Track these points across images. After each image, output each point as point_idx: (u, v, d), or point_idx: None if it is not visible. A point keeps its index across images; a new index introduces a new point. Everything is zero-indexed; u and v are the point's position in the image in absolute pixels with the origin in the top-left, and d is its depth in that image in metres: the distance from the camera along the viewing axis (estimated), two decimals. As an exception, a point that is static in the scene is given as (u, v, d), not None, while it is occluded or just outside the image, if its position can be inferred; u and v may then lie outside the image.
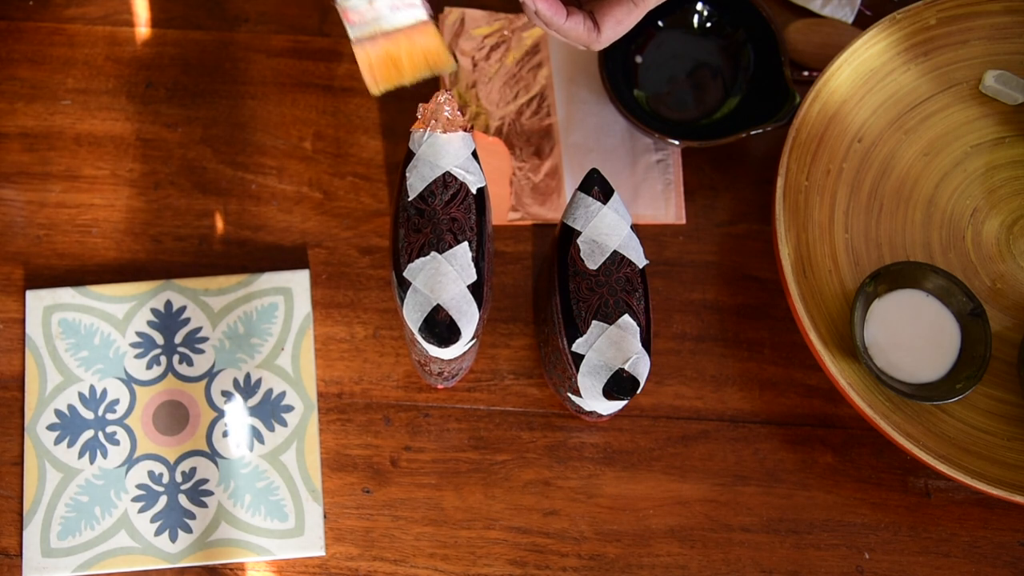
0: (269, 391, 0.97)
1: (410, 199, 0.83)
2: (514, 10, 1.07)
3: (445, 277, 0.81)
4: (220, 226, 1.02)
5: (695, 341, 1.01)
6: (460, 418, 0.98)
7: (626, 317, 0.84)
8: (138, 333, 0.98)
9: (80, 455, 0.95)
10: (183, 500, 0.95)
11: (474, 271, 0.82)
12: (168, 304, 0.99)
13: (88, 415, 0.96)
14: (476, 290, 0.82)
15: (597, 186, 0.87)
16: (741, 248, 1.03)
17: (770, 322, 1.01)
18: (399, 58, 0.83)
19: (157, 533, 0.94)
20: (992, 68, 1.02)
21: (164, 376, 0.97)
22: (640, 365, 0.83)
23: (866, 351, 0.94)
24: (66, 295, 0.98)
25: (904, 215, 1.00)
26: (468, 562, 0.95)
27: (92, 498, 0.95)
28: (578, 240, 0.86)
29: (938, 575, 0.96)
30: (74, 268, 1.01)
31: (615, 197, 0.87)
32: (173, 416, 0.97)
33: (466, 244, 0.82)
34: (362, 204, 1.03)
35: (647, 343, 0.84)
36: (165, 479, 0.95)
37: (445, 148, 0.83)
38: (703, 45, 1.06)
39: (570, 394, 0.91)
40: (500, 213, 1.03)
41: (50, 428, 0.96)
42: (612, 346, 0.84)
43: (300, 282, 1.00)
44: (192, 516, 0.95)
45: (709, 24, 1.06)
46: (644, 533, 0.96)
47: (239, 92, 1.05)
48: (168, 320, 0.98)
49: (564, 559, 0.95)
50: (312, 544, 0.95)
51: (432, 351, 0.84)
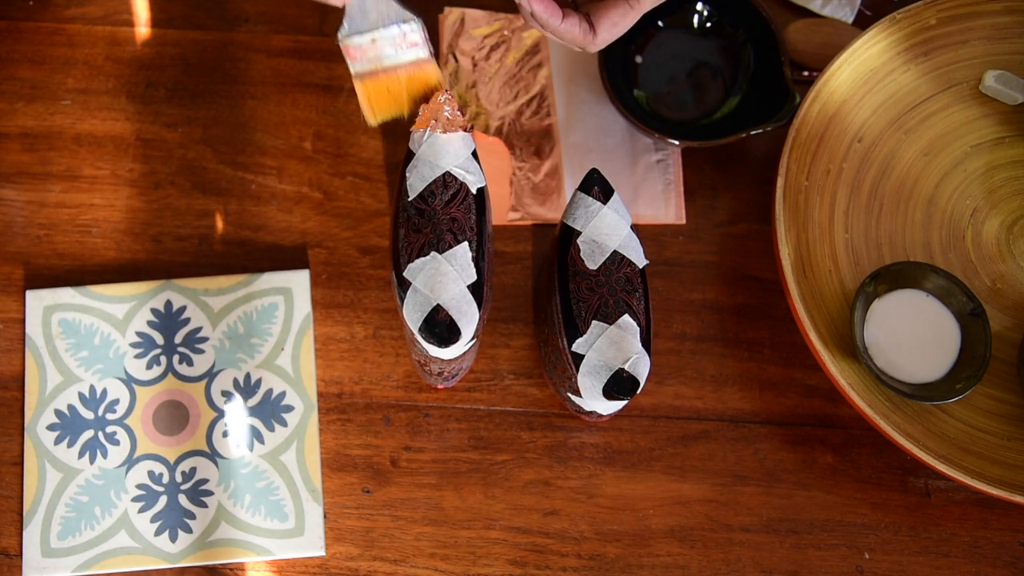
0: (269, 391, 0.97)
1: (410, 199, 0.83)
2: (514, 10, 1.06)
3: (445, 277, 0.81)
4: (220, 226, 1.02)
5: (695, 341, 1.01)
6: (460, 418, 0.98)
7: (626, 317, 0.84)
8: (138, 333, 0.98)
9: (80, 455, 0.95)
10: (183, 500, 0.95)
11: (474, 271, 0.82)
12: (168, 304, 0.99)
13: (88, 415, 0.96)
14: (476, 290, 0.82)
15: (597, 186, 0.87)
16: (741, 248, 1.03)
17: (770, 322, 1.01)
18: (399, 92, 0.86)
19: (157, 533, 0.94)
20: (992, 68, 1.02)
21: (164, 376, 0.97)
22: (640, 365, 0.83)
23: (866, 351, 0.94)
24: (66, 295, 0.98)
25: (904, 215, 1.00)
26: (468, 562, 0.95)
27: (92, 498, 0.95)
28: (578, 240, 0.86)
29: (938, 575, 0.96)
30: (74, 268, 1.01)
31: (615, 197, 0.87)
32: (173, 416, 0.97)
33: (466, 244, 0.82)
34: (362, 204, 1.03)
35: (647, 343, 0.84)
36: (165, 479, 0.95)
37: (445, 148, 0.83)
38: (703, 45, 1.06)
39: (570, 394, 0.91)
40: (500, 213, 1.02)
41: (50, 428, 0.96)
42: (612, 346, 0.84)
43: (300, 282, 1.00)
44: (192, 516, 0.95)
45: (709, 24, 1.06)
46: (644, 533, 0.96)
47: (239, 92, 1.05)
48: (168, 320, 0.98)
49: (564, 559, 0.95)
50: (312, 544, 0.95)
51: (432, 351, 0.84)
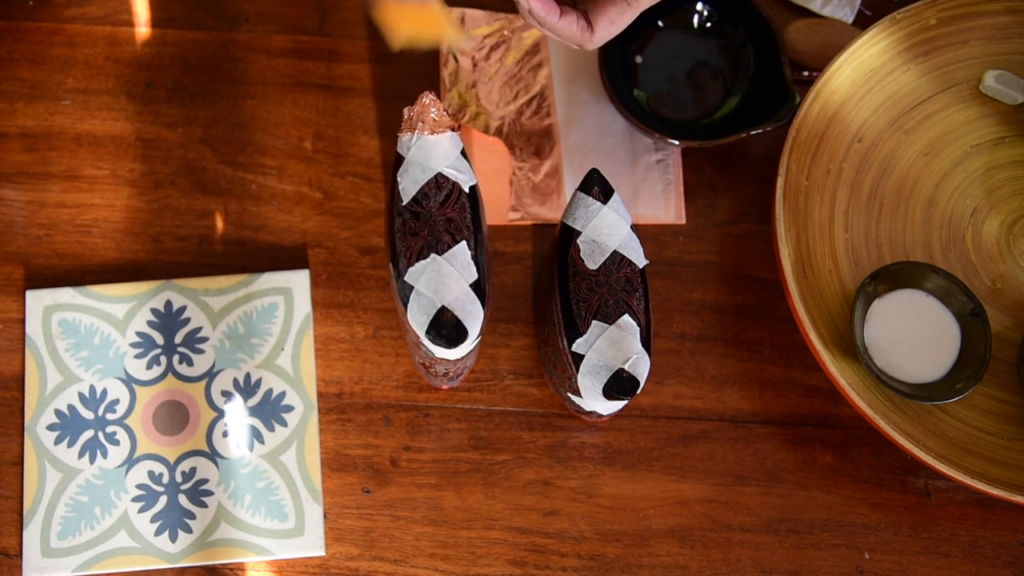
0: (269, 391, 0.97)
1: (404, 203, 0.83)
2: (514, 10, 1.06)
3: (447, 278, 0.81)
4: (220, 226, 1.02)
5: (695, 341, 1.01)
6: (460, 418, 0.98)
7: (626, 317, 0.84)
8: (138, 333, 0.98)
9: (80, 455, 0.95)
10: (183, 500, 0.95)
11: (474, 269, 0.82)
12: (168, 304, 0.98)
13: (88, 415, 0.96)
14: (478, 288, 0.82)
15: (597, 186, 0.87)
16: (741, 248, 1.03)
17: (770, 322, 1.01)
18: (424, 17, 0.82)
19: (157, 533, 0.94)
20: (992, 68, 1.02)
21: (164, 376, 0.97)
22: (640, 365, 0.83)
23: (866, 351, 0.94)
24: (66, 295, 0.98)
25: (904, 215, 1.00)
26: (468, 562, 0.95)
27: (92, 498, 0.95)
28: (578, 240, 0.86)
29: (938, 575, 0.96)
30: (74, 268, 1.00)
31: (615, 197, 0.87)
32: (173, 416, 0.97)
33: (464, 243, 0.82)
34: (362, 204, 1.02)
35: (647, 343, 0.84)
36: (165, 479, 0.95)
37: (435, 149, 0.83)
38: (703, 45, 1.06)
39: (570, 394, 0.91)
40: (500, 213, 1.02)
41: (50, 428, 0.96)
42: (612, 346, 0.84)
43: (300, 282, 1.00)
44: (192, 516, 0.95)
45: (709, 24, 1.06)
46: (644, 533, 0.96)
47: (239, 92, 1.05)
48: (168, 320, 0.98)
49: (564, 559, 0.95)
50: (312, 544, 0.94)
51: (439, 352, 0.84)
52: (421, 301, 0.81)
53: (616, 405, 0.90)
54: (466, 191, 0.83)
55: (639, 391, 0.84)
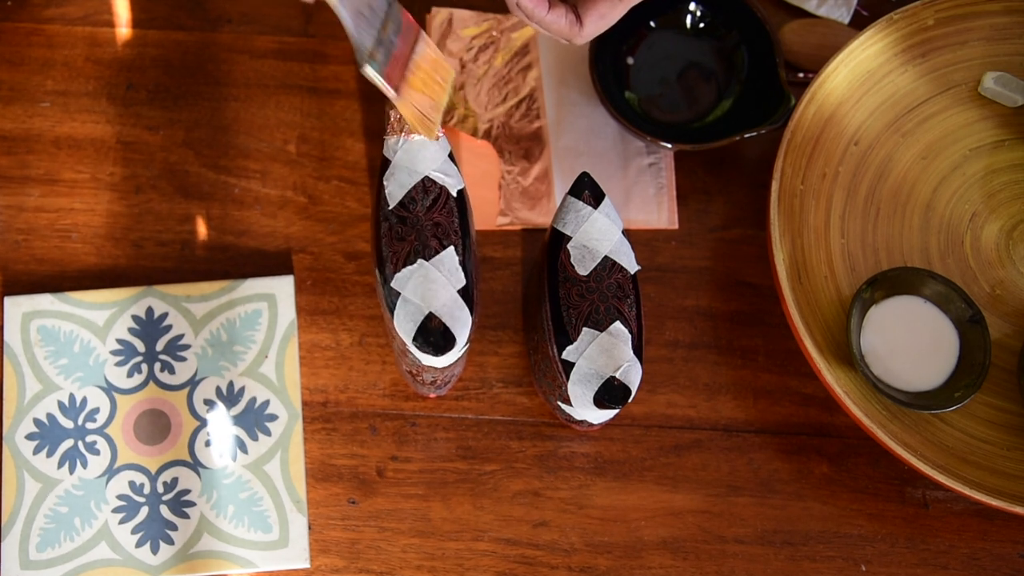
0: (253, 400, 0.96)
1: (391, 208, 0.82)
2: (503, 11, 1.06)
3: (435, 284, 0.81)
4: (202, 231, 1.01)
5: (688, 348, 1.00)
6: (448, 427, 0.97)
7: (617, 324, 0.83)
8: (119, 340, 0.97)
9: (59, 465, 0.94)
10: (165, 511, 0.94)
11: (462, 275, 0.81)
12: (149, 311, 0.97)
13: (67, 424, 0.95)
14: (466, 294, 0.81)
15: (588, 190, 0.87)
16: (735, 253, 1.02)
17: (764, 329, 1.00)
18: (431, 88, 0.82)
19: (138, 545, 0.93)
20: (991, 70, 1.01)
21: (145, 384, 0.96)
22: (632, 373, 0.83)
23: (863, 359, 0.94)
24: (45, 301, 0.97)
25: (901, 220, 1.00)
26: (456, 574, 0.94)
27: (72, 509, 0.94)
28: (568, 245, 0.86)
29: (936, 587, 0.95)
30: (53, 274, 0.99)
31: (606, 201, 0.86)
32: (155, 425, 0.96)
33: (452, 248, 0.81)
34: (347, 208, 1.01)
35: (639, 350, 0.84)
36: (146, 489, 0.94)
37: (421, 153, 0.83)
38: (696, 46, 1.05)
39: (560, 403, 0.91)
40: (489, 218, 1.01)
41: (28, 437, 0.95)
42: (603, 353, 0.83)
43: (284, 288, 0.99)
44: (174, 527, 0.94)
45: (702, 25, 1.05)
46: (636, 544, 0.95)
47: (222, 94, 1.04)
48: (149, 327, 0.97)
49: (554, 571, 0.94)
50: (296, 556, 0.93)
51: (426, 360, 0.83)
52: (408, 308, 0.80)
53: (607, 414, 0.89)
54: (454, 195, 0.83)
55: (631, 400, 0.83)
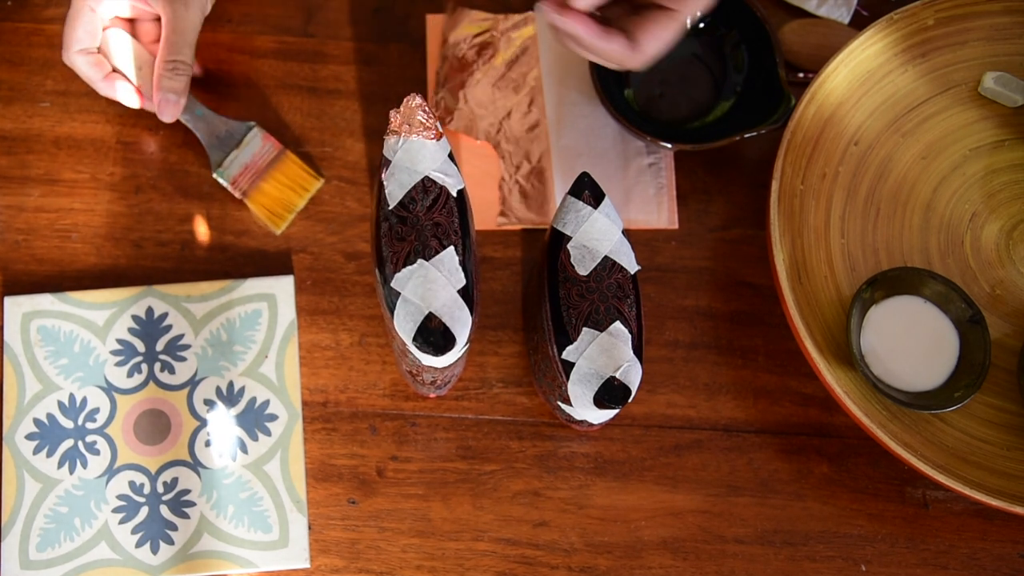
0: (253, 400, 0.96)
1: (391, 208, 0.82)
2: (503, 10, 1.05)
3: (435, 284, 0.80)
4: (202, 231, 1.00)
5: (688, 348, 1.00)
6: (448, 427, 0.97)
7: (617, 324, 0.83)
8: (119, 340, 0.96)
9: (59, 465, 0.94)
10: (165, 511, 0.94)
11: (462, 275, 0.81)
12: (149, 311, 0.97)
13: (68, 424, 0.95)
14: (466, 294, 0.81)
15: (588, 190, 0.86)
16: (735, 253, 1.02)
17: (764, 329, 1.00)
18: (285, 193, 1.00)
19: (138, 545, 0.93)
20: (991, 70, 1.01)
21: (145, 384, 0.96)
22: (631, 373, 0.82)
23: (863, 359, 0.93)
24: (45, 301, 0.97)
25: (901, 220, 0.99)
26: (456, 574, 0.94)
27: (72, 509, 0.93)
28: (568, 245, 0.85)
29: (936, 588, 0.95)
30: (53, 274, 0.99)
31: (606, 201, 0.86)
32: (155, 425, 0.95)
33: (452, 248, 0.81)
34: (347, 208, 1.01)
35: (639, 350, 0.83)
36: (146, 489, 0.94)
37: (421, 153, 0.82)
38: (696, 46, 1.05)
39: (560, 403, 0.90)
40: (489, 218, 1.01)
41: (29, 438, 0.94)
42: (603, 354, 0.83)
43: (284, 288, 0.98)
44: (174, 527, 0.93)
45: (702, 24, 1.05)
46: (636, 544, 0.95)
47: (222, 94, 1.04)
48: (149, 327, 0.97)
49: (554, 571, 0.94)
50: (296, 556, 0.93)
51: (426, 360, 0.83)
52: (408, 308, 0.80)
53: (607, 414, 0.89)
54: (454, 195, 0.82)
55: (631, 400, 0.83)
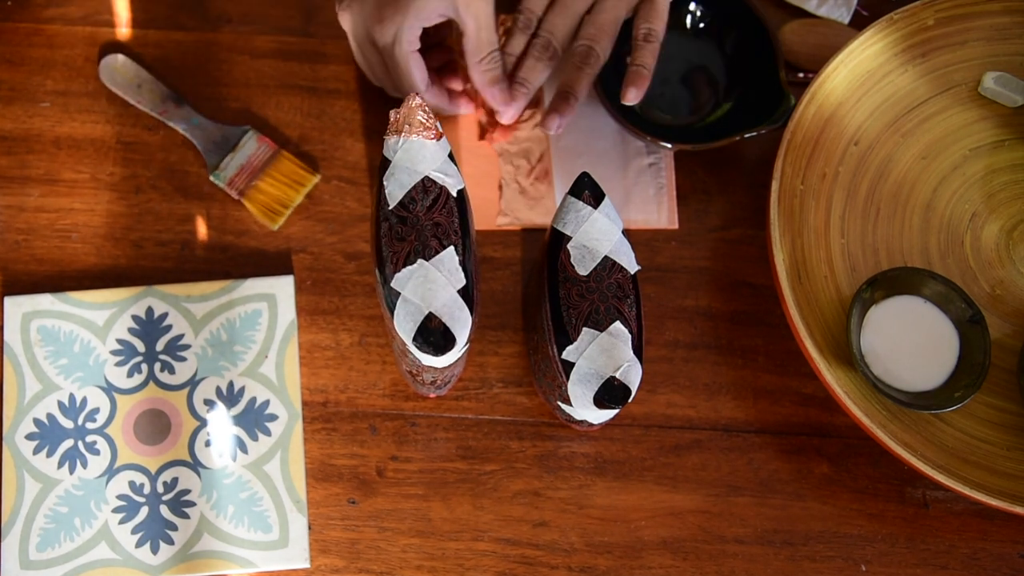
0: (253, 400, 0.96)
1: (391, 208, 0.81)
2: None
3: (435, 284, 0.80)
4: (202, 231, 1.00)
5: (688, 348, 0.99)
6: (448, 427, 0.97)
7: (617, 324, 0.83)
8: (119, 340, 0.96)
9: (59, 465, 0.94)
10: (165, 511, 0.94)
11: (462, 275, 0.81)
12: (149, 311, 0.97)
13: (67, 424, 0.95)
14: (466, 294, 0.81)
15: (588, 190, 0.86)
16: (735, 253, 1.02)
17: (765, 329, 1.00)
18: (281, 190, 1.00)
19: (138, 545, 0.93)
20: (991, 70, 1.01)
21: (145, 384, 0.96)
22: (632, 373, 0.82)
23: (863, 359, 0.93)
24: (45, 301, 0.97)
25: (901, 220, 0.99)
26: (456, 574, 0.94)
27: (72, 509, 0.93)
28: (568, 245, 0.85)
29: (936, 588, 0.95)
30: (53, 274, 0.99)
31: (606, 201, 0.86)
32: (155, 425, 0.95)
33: (452, 248, 0.81)
34: (347, 208, 1.01)
35: (639, 350, 0.83)
36: (146, 489, 0.94)
37: (421, 153, 0.82)
38: (696, 46, 1.05)
39: (560, 403, 0.90)
40: (489, 218, 1.01)
41: (28, 437, 0.94)
42: (603, 354, 0.82)
43: (284, 288, 0.98)
44: (174, 527, 0.93)
45: (702, 25, 1.05)
46: (636, 544, 0.95)
47: (222, 94, 1.04)
48: (149, 327, 0.97)
49: (554, 571, 0.94)
50: (296, 556, 0.93)
51: (426, 360, 0.83)
52: (408, 308, 0.80)
53: (607, 414, 0.88)
54: (454, 195, 0.82)
55: (631, 400, 0.83)
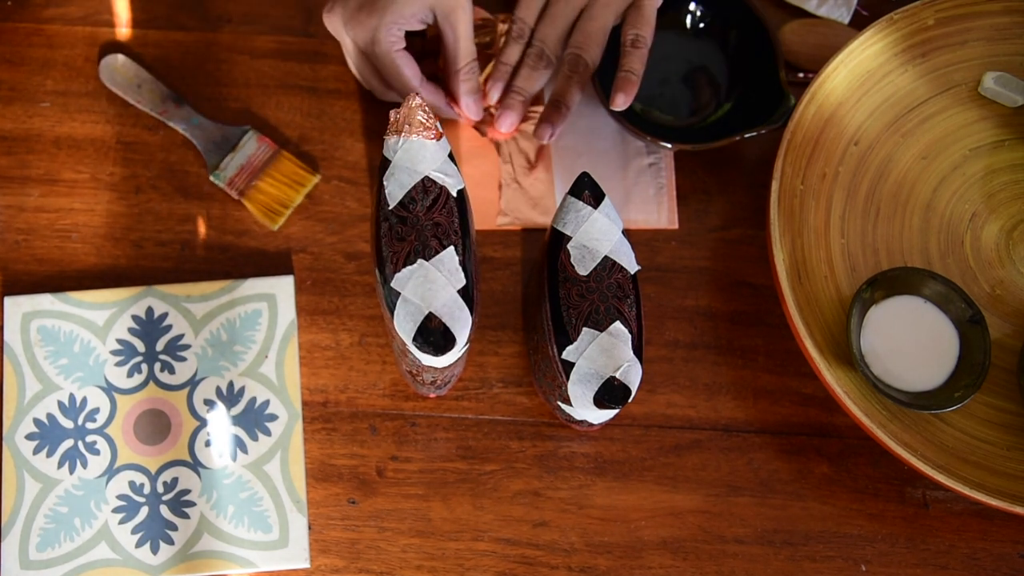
0: (253, 400, 0.96)
1: (391, 207, 0.81)
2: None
3: (435, 284, 0.80)
4: (202, 231, 1.00)
5: (688, 348, 0.99)
6: (448, 427, 0.97)
7: (617, 324, 0.83)
8: (119, 340, 0.96)
9: (59, 465, 0.94)
10: (165, 511, 0.94)
11: (462, 275, 0.81)
12: (149, 311, 0.97)
13: (68, 424, 0.95)
14: (466, 294, 0.81)
15: (588, 190, 0.86)
16: (735, 253, 1.02)
17: (765, 329, 1.00)
18: (281, 190, 1.00)
19: (138, 545, 0.93)
20: (991, 70, 1.01)
21: (145, 384, 0.96)
22: (631, 373, 0.82)
23: (863, 359, 0.93)
24: (45, 301, 0.97)
25: (901, 220, 0.99)
26: (456, 574, 0.94)
27: (72, 509, 0.93)
28: (568, 245, 0.85)
29: (936, 588, 0.95)
30: (53, 274, 0.99)
31: (606, 201, 0.86)
32: (155, 425, 0.95)
33: (452, 248, 0.81)
34: (347, 208, 1.01)
35: (639, 350, 0.83)
36: (146, 489, 0.94)
37: (421, 153, 0.82)
38: (696, 46, 1.05)
39: (560, 403, 0.90)
40: (489, 217, 1.01)
41: (28, 438, 0.94)
42: (603, 354, 0.82)
43: (284, 288, 0.98)
44: (174, 527, 0.93)
45: (702, 25, 1.05)
46: (636, 545, 0.95)
47: (222, 94, 1.04)
48: (149, 327, 0.97)
49: (554, 571, 0.94)
50: (296, 556, 0.93)
51: (426, 360, 0.83)
52: (408, 308, 0.80)
53: (607, 414, 0.88)
54: (454, 195, 0.82)
55: (631, 400, 0.83)
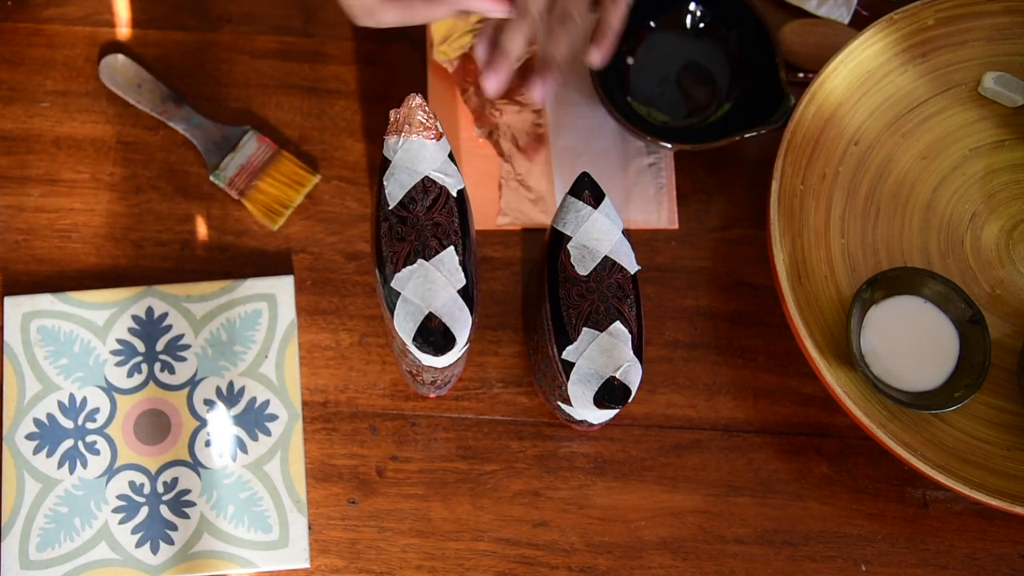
0: (252, 400, 0.96)
1: (391, 208, 0.81)
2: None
3: (435, 284, 0.80)
4: (202, 231, 1.00)
5: (688, 348, 0.99)
6: (448, 427, 0.97)
7: (617, 324, 0.83)
8: (119, 340, 0.96)
9: (59, 465, 0.94)
10: (165, 511, 0.93)
11: (462, 275, 0.81)
12: (149, 311, 0.97)
13: (68, 424, 0.95)
14: (466, 294, 0.81)
15: (588, 190, 0.86)
16: (735, 253, 1.02)
17: (765, 329, 1.00)
18: (281, 190, 1.00)
19: (138, 545, 0.93)
20: (991, 70, 1.01)
21: (145, 384, 0.96)
22: (631, 373, 0.82)
23: (863, 359, 0.93)
24: (45, 301, 0.97)
25: (901, 220, 0.99)
26: (456, 574, 0.94)
27: (72, 509, 0.93)
28: (568, 245, 0.85)
29: (936, 588, 0.95)
30: (53, 274, 0.99)
31: (606, 201, 0.86)
32: (155, 425, 0.95)
33: (452, 248, 0.80)
34: (347, 208, 1.01)
35: (639, 350, 0.83)
36: (146, 489, 0.94)
37: (421, 153, 0.82)
38: (696, 46, 1.05)
39: (560, 403, 0.90)
40: (489, 217, 1.01)
41: (28, 438, 0.94)
42: (603, 354, 0.82)
43: (284, 288, 0.98)
44: (174, 527, 0.93)
45: (702, 25, 1.05)
46: (636, 544, 0.95)
47: (222, 94, 1.04)
48: (149, 327, 0.97)
49: (554, 571, 0.94)
50: (296, 556, 0.93)
51: (426, 360, 0.83)
52: (408, 307, 0.80)
53: (607, 414, 0.88)
54: (454, 195, 0.82)
55: (631, 400, 0.83)
